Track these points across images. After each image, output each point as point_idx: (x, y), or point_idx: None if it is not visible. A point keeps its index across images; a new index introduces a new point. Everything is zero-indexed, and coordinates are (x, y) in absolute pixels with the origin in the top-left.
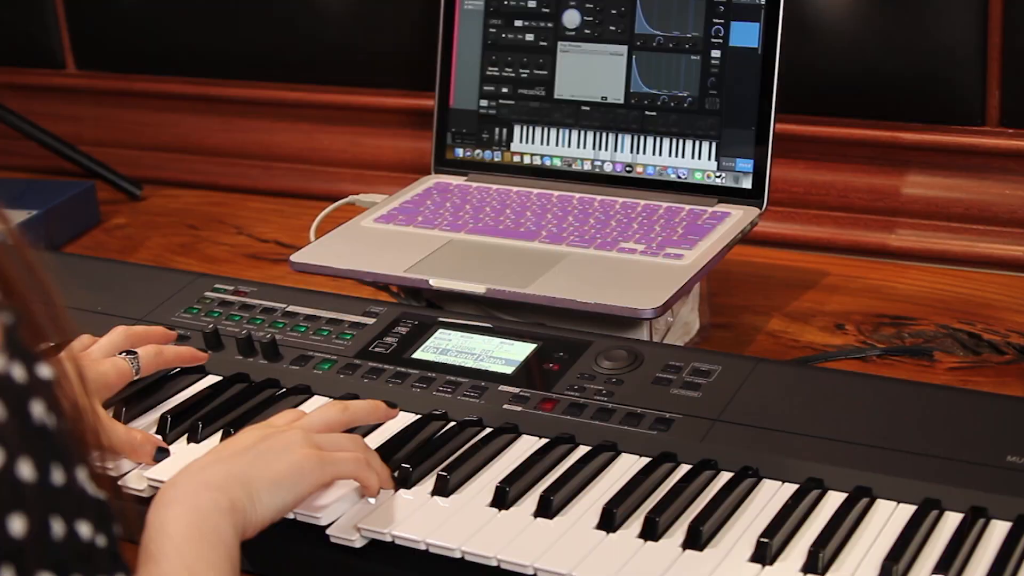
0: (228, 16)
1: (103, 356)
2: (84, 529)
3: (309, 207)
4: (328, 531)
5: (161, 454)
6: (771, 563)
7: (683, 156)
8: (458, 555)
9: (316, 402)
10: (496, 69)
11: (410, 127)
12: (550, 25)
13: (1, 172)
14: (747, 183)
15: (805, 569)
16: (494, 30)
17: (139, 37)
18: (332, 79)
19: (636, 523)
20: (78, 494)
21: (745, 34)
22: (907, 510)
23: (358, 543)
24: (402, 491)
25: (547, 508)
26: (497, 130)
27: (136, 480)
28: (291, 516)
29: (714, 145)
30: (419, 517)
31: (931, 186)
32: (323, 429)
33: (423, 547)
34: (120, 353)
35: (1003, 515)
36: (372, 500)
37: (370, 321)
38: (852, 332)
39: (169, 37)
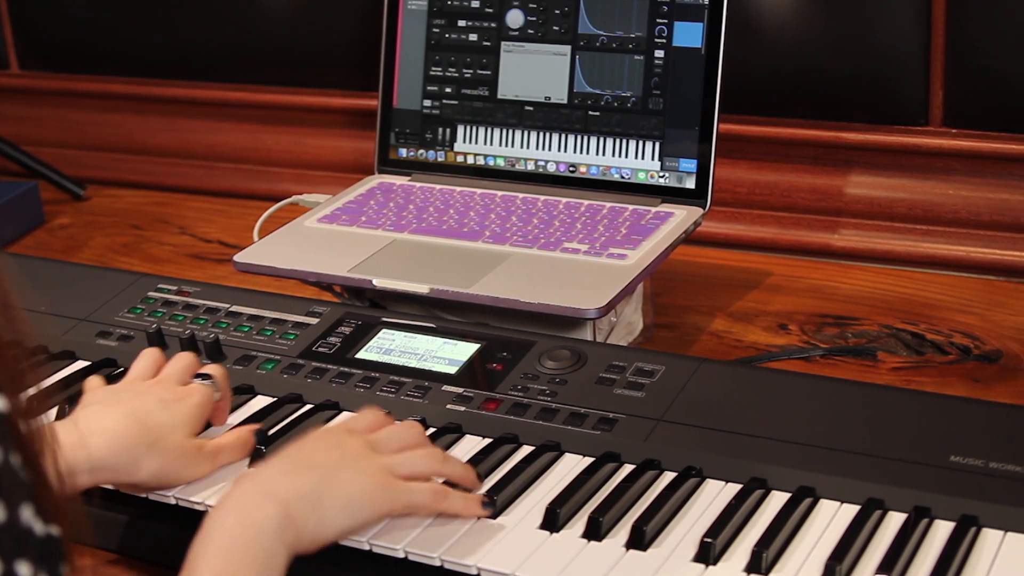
0: (171, 16)
1: (180, 382)
2: (24, 569)
3: (252, 207)
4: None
5: (259, 435)
6: (714, 563)
7: (626, 156)
8: (401, 555)
9: (259, 402)
10: (439, 69)
11: (353, 127)
12: (493, 25)
13: None
14: (690, 183)
15: (749, 569)
16: (437, 30)
17: (82, 37)
18: (275, 79)
19: (579, 523)
20: (20, 533)
21: (688, 34)
22: (850, 510)
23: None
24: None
25: (490, 508)
26: (440, 130)
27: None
28: None
29: (657, 145)
30: None
31: (874, 186)
32: (405, 468)
33: (367, 547)
34: (195, 378)
35: (946, 515)
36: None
37: (313, 321)
38: (795, 332)
39: (112, 37)
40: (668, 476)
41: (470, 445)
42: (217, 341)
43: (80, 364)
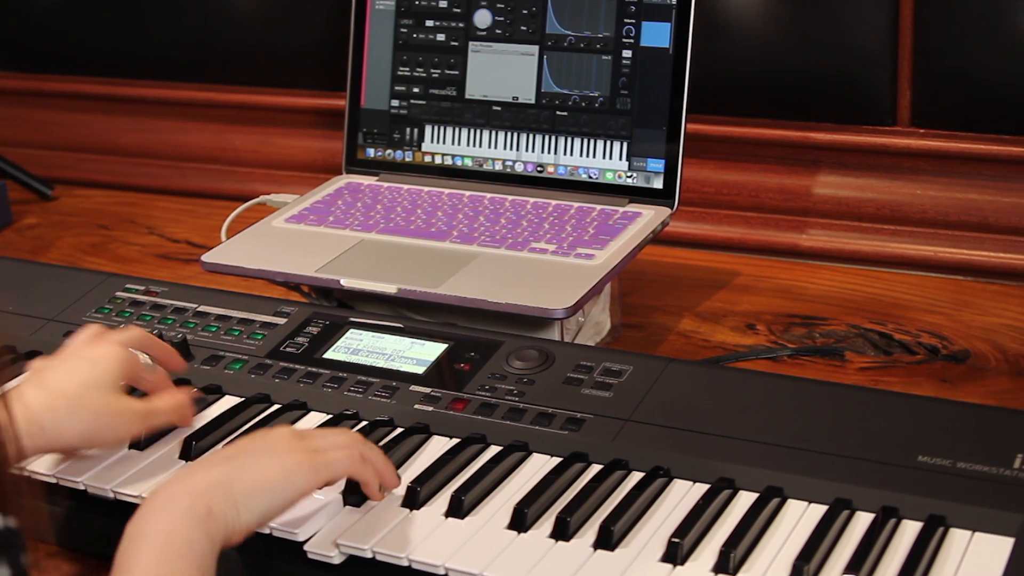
0: (139, 16)
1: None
2: None
3: (220, 207)
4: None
5: (200, 404)
6: (682, 563)
7: (594, 156)
8: (369, 555)
9: (227, 402)
10: (407, 69)
11: (321, 127)
12: (461, 25)
13: None
14: (658, 183)
15: (716, 569)
16: (405, 30)
17: (50, 37)
18: (243, 79)
19: (547, 523)
20: None
21: (656, 34)
22: (818, 510)
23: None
24: (313, 493)
25: (458, 508)
26: (408, 130)
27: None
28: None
29: (625, 145)
30: (327, 519)
31: (842, 186)
32: (325, 442)
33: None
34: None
35: (914, 515)
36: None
37: (281, 321)
38: (763, 332)
39: (80, 37)
40: (636, 476)
41: (438, 445)
42: (185, 341)
43: None
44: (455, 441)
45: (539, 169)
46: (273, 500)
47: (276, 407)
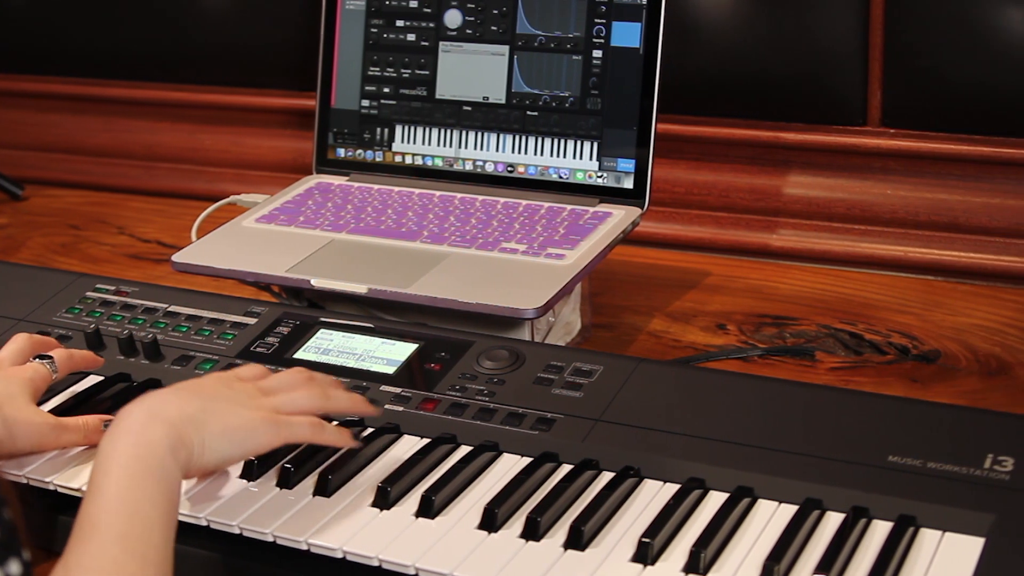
0: (110, 16)
1: (15, 363)
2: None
3: (191, 207)
4: (209, 524)
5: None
6: (653, 563)
7: (565, 156)
8: (339, 555)
9: None
10: (378, 69)
11: (292, 127)
12: (432, 25)
13: None
14: (629, 183)
15: (687, 569)
16: (376, 30)
17: (20, 37)
18: (214, 79)
19: (518, 523)
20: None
21: (627, 34)
22: (789, 510)
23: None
24: (284, 491)
25: (428, 508)
26: (379, 130)
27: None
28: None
29: (596, 145)
30: (301, 517)
31: (813, 186)
32: (289, 406)
33: (304, 547)
34: (33, 359)
35: (884, 515)
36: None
37: (252, 321)
38: (734, 332)
39: (51, 37)
40: (606, 476)
41: (408, 445)
42: (155, 341)
43: None
44: (425, 441)
45: (509, 169)
46: (235, 448)
47: None
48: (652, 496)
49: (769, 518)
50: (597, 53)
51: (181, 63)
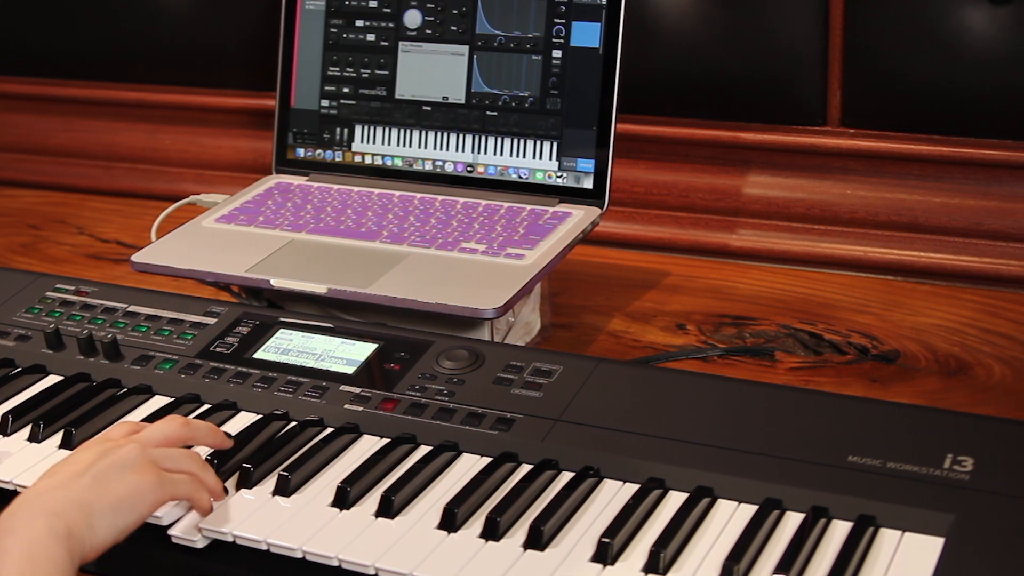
0: (68, 16)
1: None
2: None
3: (150, 207)
4: (170, 531)
5: None
6: (612, 563)
7: (524, 156)
8: (299, 555)
9: (157, 402)
10: (337, 69)
11: (251, 127)
12: (391, 25)
13: None
14: (588, 183)
15: (646, 569)
16: (335, 30)
17: None
18: (173, 79)
19: (477, 523)
20: None
21: (586, 34)
22: (748, 510)
23: (200, 543)
24: (243, 491)
25: (388, 508)
26: (338, 130)
27: None
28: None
29: (555, 145)
30: (260, 517)
31: (772, 186)
32: (162, 443)
33: (264, 547)
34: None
35: (844, 515)
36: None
37: (211, 321)
38: (693, 332)
39: (9, 37)
40: (566, 476)
41: (368, 445)
42: (115, 341)
43: None
44: (385, 441)
45: (469, 169)
46: (127, 517)
47: (206, 407)
48: (612, 496)
49: (729, 518)
50: (557, 53)
51: (140, 63)
